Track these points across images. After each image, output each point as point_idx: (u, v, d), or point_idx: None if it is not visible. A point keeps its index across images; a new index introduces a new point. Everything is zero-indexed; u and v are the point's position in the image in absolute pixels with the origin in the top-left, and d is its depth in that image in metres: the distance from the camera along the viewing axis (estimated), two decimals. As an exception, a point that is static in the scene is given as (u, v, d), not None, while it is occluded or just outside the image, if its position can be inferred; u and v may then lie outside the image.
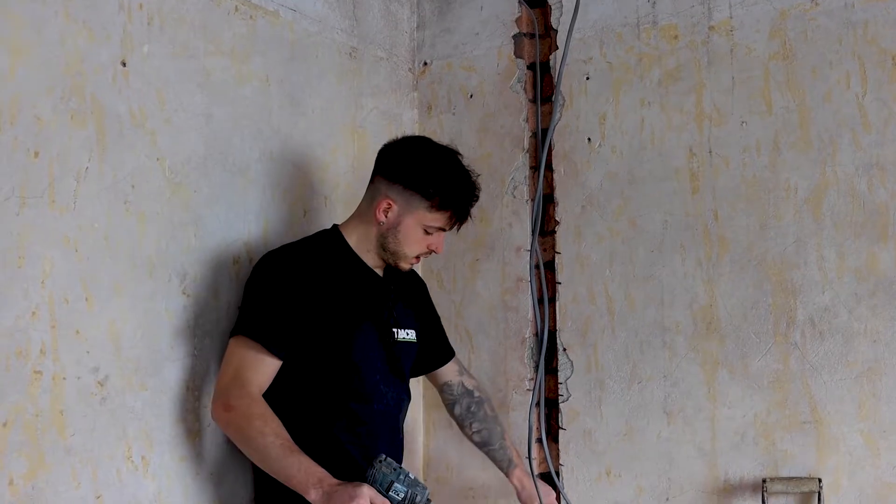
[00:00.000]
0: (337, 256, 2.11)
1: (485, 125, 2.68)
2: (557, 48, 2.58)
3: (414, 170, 2.06)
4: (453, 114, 2.74)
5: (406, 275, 2.24)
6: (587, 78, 2.54)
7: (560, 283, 2.54)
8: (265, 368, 1.97)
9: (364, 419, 2.06)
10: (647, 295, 2.42)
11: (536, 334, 2.56)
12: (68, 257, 1.82)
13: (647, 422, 2.40)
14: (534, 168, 2.61)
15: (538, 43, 2.64)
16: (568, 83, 2.56)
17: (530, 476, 2.31)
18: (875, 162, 2.18)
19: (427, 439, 2.68)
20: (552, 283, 2.55)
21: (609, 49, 2.52)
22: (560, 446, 2.51)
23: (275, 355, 1.97)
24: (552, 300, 2.55)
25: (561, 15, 2.58)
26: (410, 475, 1.87)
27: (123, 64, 1.95)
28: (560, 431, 2.51)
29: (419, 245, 2.10)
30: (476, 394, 2.37)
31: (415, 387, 2.41)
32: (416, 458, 2.67)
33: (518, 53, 2.65)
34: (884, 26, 2.19)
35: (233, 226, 2.17)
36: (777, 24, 2.30)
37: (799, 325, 2.24)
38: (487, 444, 2.37)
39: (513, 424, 2.53)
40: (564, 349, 2.52)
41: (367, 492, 1.79)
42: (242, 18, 2.24)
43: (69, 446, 1.80)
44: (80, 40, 1.87)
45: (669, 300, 2.40)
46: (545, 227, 2.58)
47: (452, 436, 2.58)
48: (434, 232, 2.09)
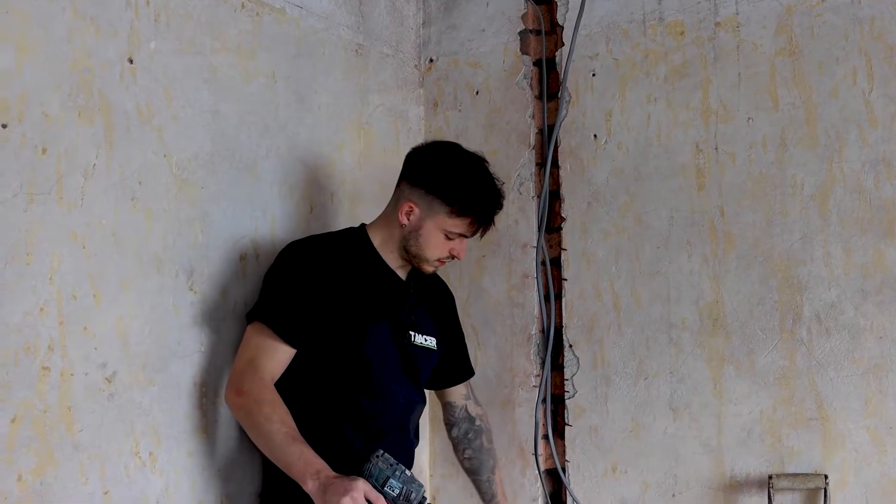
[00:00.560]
0: (359, 254, 2.12)
1: (491, 122, 2.68)
2: (563, 44, 2.58)
3: (436, 175, 2.07)
4: (459, 110, 2.74)
5: (434, 284, 2.25)
6: (593, 74, 2.54)
7: (566, 280, 2.54)
8: (279, 356, 1.98)
9: (371, 415, 2.06)
10: (654, 291, 2.42)
11: (543, 331, 2.56)
12: (76, 254, 1.82)
13: (654, 418, 2.40)
14: (540, 165, 2.61)
15: (544, 39, 2.63)
16: (574, 80, 2.56)
17: None
18: (882, 158, 2.18)
19: (433, 436, 2.68)
20: (558, 280, 2.55)
21: (615, 45, 2.52)
22: (566, 443, 2.51)
23: (289, 344, 1.98)
24: (558, 297, 2.55)
25: (567, 11, 2.58)
26: (407, 472, 1.86)
27: (130, 60, 1.95)
28: (566, 428, 2.51)
29: (440, 249, 2.10)
30: (478, 422, 2.35)
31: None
32: (423, 455, 2.67)
33: (524, 50, 2.65)
34: (890, 22, 2.19)
35: (240, 222, 2.17)
36: (783, 20, 2.30)
37: (805, 322, 2.24)
38: (475, 474, 2.35)
39: (519, 421, 2.54)
40: (570, 346, 2.52)
41: (362, 486, 1.78)
42: (249, 15, 2.24)
43: (77, 442, 1.81)
44: (88, 37, 1.87)
45: (675, 296, 2.39)
46: (551, 224, 2.58)
47: (458, 432, 2.58)
48: (455, 237, 2.09)
